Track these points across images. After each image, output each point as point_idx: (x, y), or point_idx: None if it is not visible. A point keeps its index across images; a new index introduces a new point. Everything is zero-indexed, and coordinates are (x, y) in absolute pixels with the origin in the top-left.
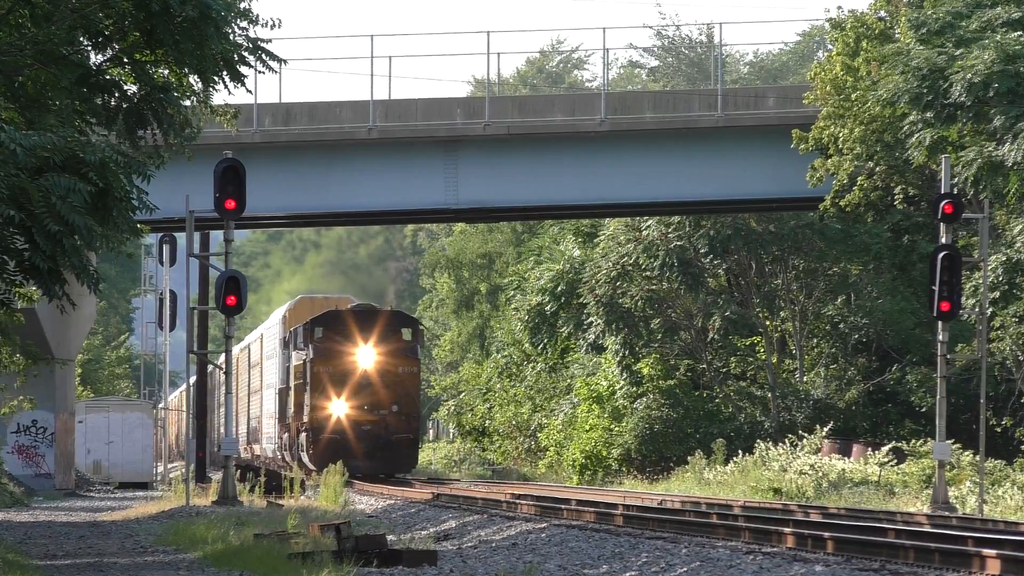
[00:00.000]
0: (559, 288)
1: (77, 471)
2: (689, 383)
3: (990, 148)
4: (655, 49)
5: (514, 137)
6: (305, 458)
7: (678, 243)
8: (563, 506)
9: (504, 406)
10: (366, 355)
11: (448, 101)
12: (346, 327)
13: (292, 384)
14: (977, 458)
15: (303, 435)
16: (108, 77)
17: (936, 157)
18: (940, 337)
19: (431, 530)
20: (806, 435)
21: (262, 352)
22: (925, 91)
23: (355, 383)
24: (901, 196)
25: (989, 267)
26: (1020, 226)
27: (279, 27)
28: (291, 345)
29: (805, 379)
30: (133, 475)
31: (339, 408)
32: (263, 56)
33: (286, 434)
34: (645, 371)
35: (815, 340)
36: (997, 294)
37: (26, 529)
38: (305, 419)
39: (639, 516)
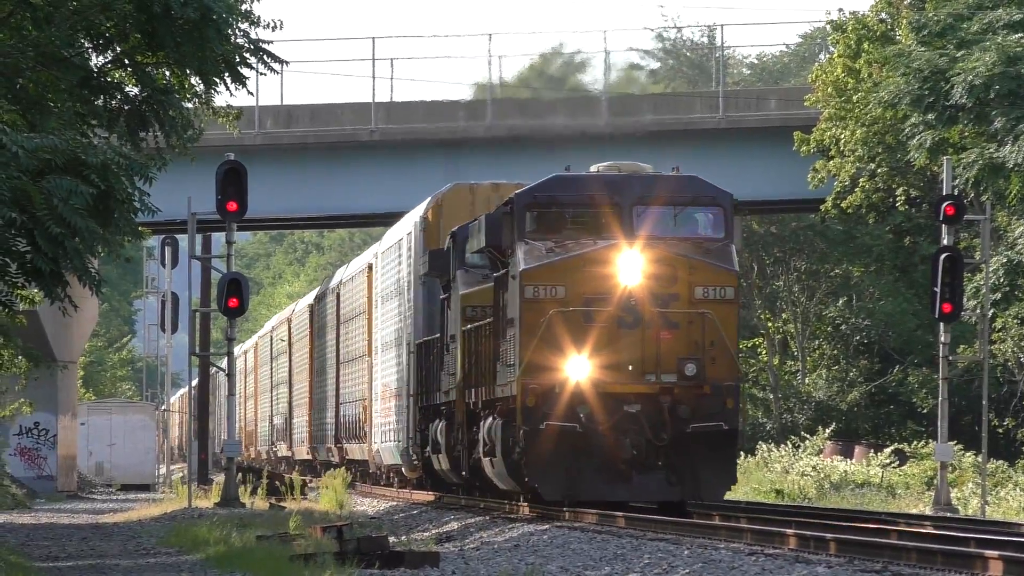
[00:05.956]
0: None
1: (79, 473)
2: None
3: (991, 150)
4: (656, 52)
5: (516, 139)
6: (497, 470)
7: None
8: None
9: None
10: (631, 264)
11: (450, 103)
12: (588, 209)
13: (458, 330)
14: (979, 459)
15: (490, 422)
16: (109, 79)
17: (937, 159)
18: (942, 339)
19: (433, 532)
20: (808, 437)
21: (370, 295)
22: (926, 93)
23: (610, 320)
24: (903, 198)
25: (990, 269)
26: (1021, 228)
27: (281, 29)
28: (454, 261)
29: (807, 381)
30: (135, 477)
31: (578, 369)
32: (265, 58)
33: (438, 422)
34: None
35: (817, 342)
36: (998, 296)
37: (28, 531)
38: (498, 392)
39: (641, 518)
